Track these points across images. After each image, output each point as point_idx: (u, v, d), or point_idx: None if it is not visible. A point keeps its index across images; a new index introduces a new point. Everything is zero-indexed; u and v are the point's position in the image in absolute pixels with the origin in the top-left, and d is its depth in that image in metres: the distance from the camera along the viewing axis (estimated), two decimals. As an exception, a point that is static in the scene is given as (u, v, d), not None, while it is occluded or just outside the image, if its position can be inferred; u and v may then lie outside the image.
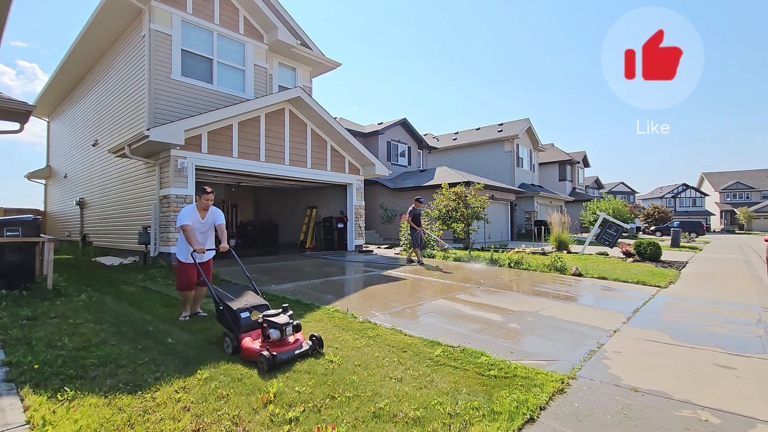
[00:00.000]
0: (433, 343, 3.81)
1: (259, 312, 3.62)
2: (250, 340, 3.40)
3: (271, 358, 3.06)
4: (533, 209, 24.51)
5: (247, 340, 3.40)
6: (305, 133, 11.33)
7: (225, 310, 3.61)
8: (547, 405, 2.65)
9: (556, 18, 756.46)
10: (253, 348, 3.28)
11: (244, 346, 3.35)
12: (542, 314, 5.14)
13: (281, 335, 3.33)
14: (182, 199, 8.67)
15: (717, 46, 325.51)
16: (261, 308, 3.70)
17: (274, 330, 3.33)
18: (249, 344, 3.34)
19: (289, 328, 3.40)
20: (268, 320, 3.38)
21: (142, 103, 9.42)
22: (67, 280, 6.60)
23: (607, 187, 55.94)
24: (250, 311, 3.63)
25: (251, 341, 3.39)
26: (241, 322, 3.51)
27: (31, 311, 4.63)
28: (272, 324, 3.35)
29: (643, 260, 11.24)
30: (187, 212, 4.44)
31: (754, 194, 54.96)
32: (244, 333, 3.48)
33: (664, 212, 35.51)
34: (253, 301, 3.77)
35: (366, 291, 6.69)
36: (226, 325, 3.63)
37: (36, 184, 18.60)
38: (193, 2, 9.85)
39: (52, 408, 2.47)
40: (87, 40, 10.98)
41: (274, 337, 3.31)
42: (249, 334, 3.49)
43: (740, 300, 6.31)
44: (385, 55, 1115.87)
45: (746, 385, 3.06)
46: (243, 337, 3.43)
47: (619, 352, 3.74)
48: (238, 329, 3.47)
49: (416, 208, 10.59)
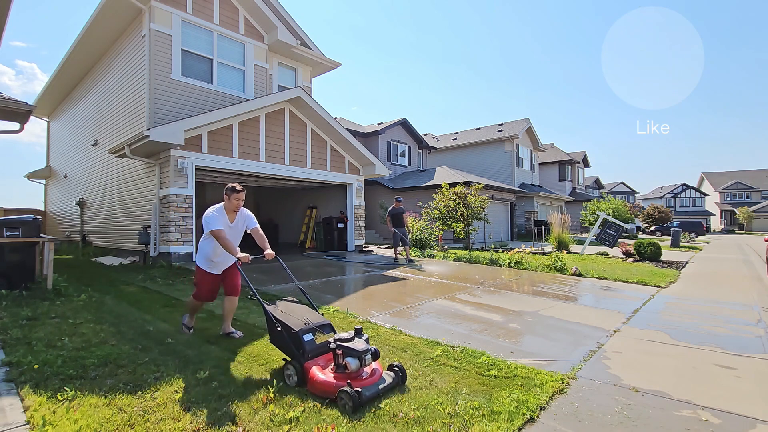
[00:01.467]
0: (433, 343, 3.81)
1: (323, 333, 3.08)
2: (318, 370, 2.80)
3: (356, 396, 2.45)
4: (533, 209, 24.51)
5: (314, 369, 2.79)
6: (305, 133, 11.33)
7: (284, 331, 3.01)
8: (547, 405, 2.65)
9: (556, 18, 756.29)
10: (327, 382, 2.67)
11: (315, 379, 2.72)
12: (542, 314, 5.14)
13: (360, 365, 2.73)
14: (182, 199, 8.67)
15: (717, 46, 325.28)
16: (325, 329, 3.12)
17: (353, 359, 2.72)
18: (321, 376, 2.73)
19: (368, 356, 2.78)
20: (344, 347, 2.76)
21: (142, 103, 9.42)
22: (67, 280, 6.60)
23: (607, 187, 55.94)
24: (314, 332, 3.04)
25: (320, 371, 2.79)
26: (305, 346, 2.91)
27: (31, 311, 4.63)
28: (350, 351, 2.74)
29: (643, 260, 11.25)
30: (216, 215, 3.72)
31: (754, 194, 54.97)
32: (310, 360, 2.89)
33: (664, 212, 35.51)
34: (314, 320, 3.16)
35: (366, 291, 6.69)
36: (286, 350, 3.07)
37: (36, 184, 18.64)
38: (193, 2, 9.85)
39: (52, 408, 2.46)
40: (87, 40, 10.98)
41: (352, 368, 2.70)
42: (315, 360, 2.90)
43: (740, 300, 6.31)
44: (385, 55, 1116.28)
45: (746, 385, 3.06)
46: (309, 366, 2.84)
47: (619, 352, 3.74)
48: (302, 355, 2.89)
49: (396, 207, 10.53)
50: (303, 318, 3.13)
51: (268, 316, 3.17)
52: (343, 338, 2.81)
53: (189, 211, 8.80)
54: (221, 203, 3.81)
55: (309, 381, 2.76)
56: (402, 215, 10.42)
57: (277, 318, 3.10)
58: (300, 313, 3.24)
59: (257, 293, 3.46)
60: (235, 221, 3.85)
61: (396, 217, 10.38)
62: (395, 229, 10.33)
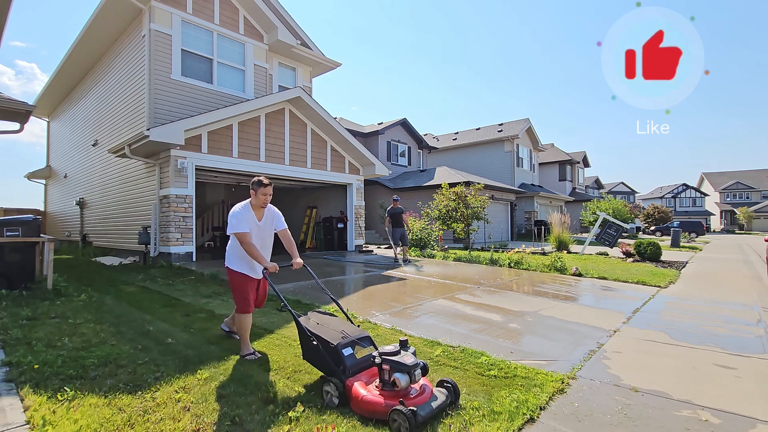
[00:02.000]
0: (433, 343, 3.81)
1: (362, 346, 2.83)
2: (361, 387, 2.53)
3: (411, 417, 2.19)
4: (533, 209, 24.51)
5: (358, 387, 2.53)
6: (305, 133, 11.33)
7: (320, 345, 2.75)
8: (547, 405, 2.64)
9: (556, 18, 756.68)
10: (375, 401, 2.40)
11: (361, 398, 2.45)
12: (542, 314, 5.13)
13: (410, 381, 2.45)
14: (182, 199, 8.67)
15: (717, 46, 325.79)
16: (364, 342, 2.86)
17: (402, 375, 2.43)
18: (367, 395, 2.45)
19: (418, 371, 2.48)
20: (392, 361, 2.47)
21: (142, 103, 9.42)
22: (67, 280, 6.60)
23: (607, 187, 55.93)
24: (353, 346, 2.78)
25: (363, 388, 2.52)
26: (346, 361, 2.65)
27: (31, 311, 4.63)
28: (398, 366, 2.45)
29: (643, 260, 11.24)
30: (242, 214, 3.33)
31: (754, 194, 54.97)
32: (352, 377, 2.63)
33: (664, 212, 35.53)
34: (352, 332, 2.90)
35: (366, 291, 6.69)
36: (323, 367, 2.81)
37: (36, 184, 18.62)
38: (193, 2, 9.85)
39: (52, 408, 2.46)
40: (87, 40, 10.99)
41: (402, 385, 2.41)
42: (357, 377, 2.64)
43: (740, 300, 6.31)
44: (385, 55, 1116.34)
45: (746, 385, 3.06)
46: (351, 383, 2.57)
47: (619, 352, 3.74)
48: (343, 372, 2.62)
49: (394, 207, 10.52)
50: (339, 330, 2.88)
51: (302, 330, 2.89)
52: (388, 351, 2.54)
53: (189, 211, 8.80)
54: (247, 200, 3.45)
55: (353, 400, 2.48)
56: (401, 215, 10.42)
57: (311, 331, 2.82)
58: (335, 324, 2.99)
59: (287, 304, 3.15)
60: (263, 219, 3.48)
61: (395, 216, 10.37)
62: (395, 228, 10.32)
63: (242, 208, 3.37)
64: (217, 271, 7.60)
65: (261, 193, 3.37)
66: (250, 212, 3.38)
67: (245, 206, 3.39)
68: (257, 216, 3.43)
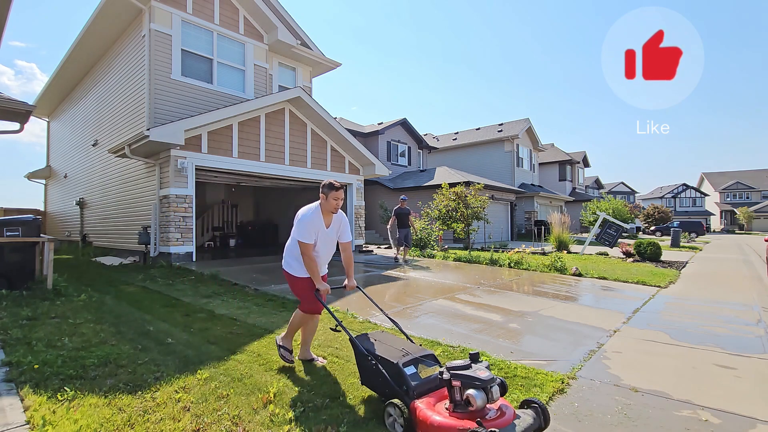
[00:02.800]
0: (433, 342, 3.81)
1: (427, 364, 2.51)
2: (429, 408, 2.19)
3: None
4: (533, 209, 24.52)
5: (424, 409, 2.19)
6: (305, 133, 11.33)
7: (380, 366, 2.47)
8: (547, 405, 2.64)
9: (556, 18, 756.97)
10: (447, 424, 2.05)
11: (430, 422, 2.11)
12: (542, 314, 5.14)
13: (486, 399, 2.09)
14: (182, 199, 8.67)
15: (717, 46, 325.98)
16: (428, 360, 2.55)
17: (477, 392, 2.07)
18: (436, 417, 2.11)
19: (495, 388, 2.13)
20: (463, 375, 2.13)
21: (142, 103, 9.42)
22: (67, 280, 6.60)
23: (607, 187, 55.93)
24: (416, 365, 2.48)
25: (431, 410, 2.18)
26: (409, 381, 2.35)
27: (31, 311, 4.63)
28: (471, 381, 2.10)
29: (643, 260, 11.25)
30: (312, 219, 3.03)
31: (754, 194, 54.98)
32: (417, 398, 2.30)
33: (664, 212, 35.54)
34: (413, 351, 2.59)
35: (366, 291, 6.68)
36: (385, 390, 2.48)
37: (36, 184, 18.61)
38: (193, 2, 9.86)
39: (52, 408, 2.46)
40: (87, 40, 10.99)
41: (477, 404, 2.06)
42: (423, 399, 2.29)
43: (740, 300, 6.31)
44: (386, 55, 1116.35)
45: (746, 385, 3.06)
46: (416, 405, 2.23)
47: (619, 352, 3.74)
48: (407, 393, 2.32)
49: (401, 207, 10.53)
50: (400, 348, 2.61)
51: (359, 350, 2.63)
52: (457, 366, 2.20)
53: (189, 211, 8.80)
54: (317, 203, 3.14)
55: (420, 424, 2.16)
56: (407, 215, 10.43)
57: (370, 351, 2.58)
58: (393, 342, 2.73)
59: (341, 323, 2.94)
60: (331, 226, 3.17)
61: (401, 216, 10.40)
62: (400, 228, 10.32)
63: (313, 212, 3.06)
64: (217, 271, 7.60)
65: (332, 197, 3.07)
66: (320, 217, 3.09)
67: (316, 210, 3.08)
68: (326, 222, 3.14)
